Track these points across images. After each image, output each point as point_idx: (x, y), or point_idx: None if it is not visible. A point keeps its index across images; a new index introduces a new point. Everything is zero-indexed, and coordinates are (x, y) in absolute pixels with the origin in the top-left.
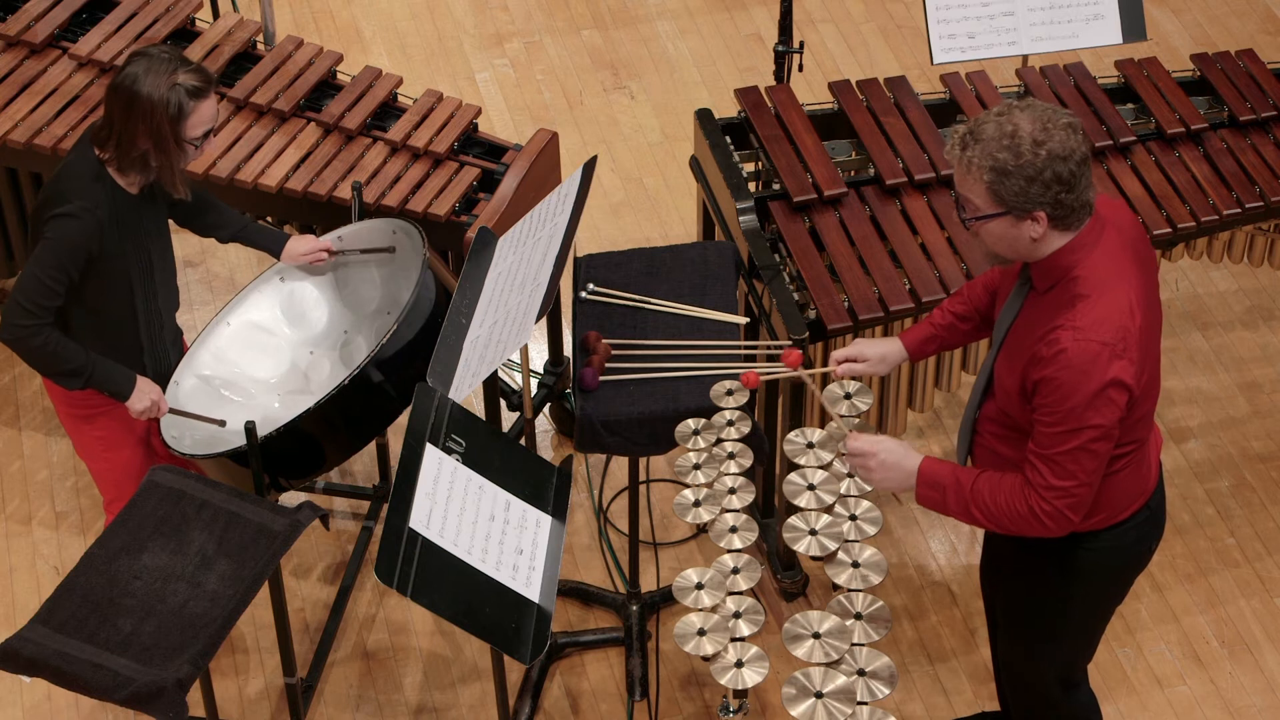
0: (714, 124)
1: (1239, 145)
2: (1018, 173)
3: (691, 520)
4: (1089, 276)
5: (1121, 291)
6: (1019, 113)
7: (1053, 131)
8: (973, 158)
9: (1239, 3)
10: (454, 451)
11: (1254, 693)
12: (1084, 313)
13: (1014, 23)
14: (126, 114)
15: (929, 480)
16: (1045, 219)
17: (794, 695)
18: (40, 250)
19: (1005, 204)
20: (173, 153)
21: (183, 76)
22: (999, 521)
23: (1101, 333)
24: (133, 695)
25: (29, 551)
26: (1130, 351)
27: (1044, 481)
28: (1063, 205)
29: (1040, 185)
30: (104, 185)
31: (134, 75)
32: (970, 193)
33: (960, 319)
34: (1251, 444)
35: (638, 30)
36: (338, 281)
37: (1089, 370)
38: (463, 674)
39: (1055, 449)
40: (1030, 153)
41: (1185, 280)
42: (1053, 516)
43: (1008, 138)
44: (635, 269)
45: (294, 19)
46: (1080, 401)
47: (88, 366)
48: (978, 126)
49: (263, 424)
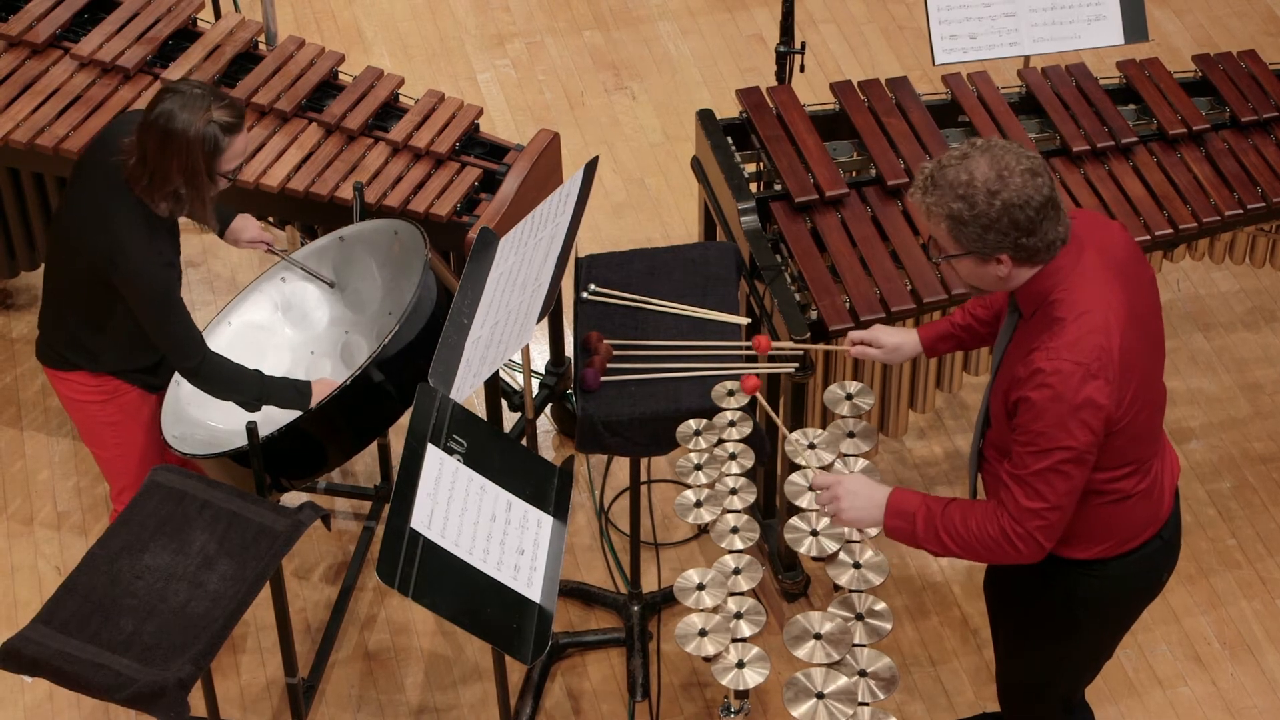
0: (715, 124)
1: (1240, 146)
2: (973, 222)
3: (693, 521)
4: (1066, 299)
5: (1099, 313)
6: (978, 156)
7: (1009, 179)
8: (931, 204)
9: (1241, 3)
10: (455, 452)
11: (1255, 694)
12: (1060, 334)
13: (1016, 23)
14: (161, 151)
15: (897, 510)
16: (1009, 260)
17: (795, 696)
18: (144, 313)
19: (966, 248)
20: (205, 187)
21: (217, 113)
22: (970, 548)
23: (1076, 353)
24: (134, 695)
25: (30, 551)
26: (1107, 371)
27: (1015, 503)
28: (1024, 248)
29: (997, 233)
30: (154, 229)
31: (169, 113)
32: (935, 234)
33: (980, 321)
34: (1253, 445)
35: (639, 31)
36: (339, 281)
37: (1062, 391)
38: (464, 674)
39: (1027, 470)
40: (985, 203)
41: (1187, 281)
42: (1024, 539)
43: (963, 185)
44: (637, 269)
45: (295, 19)
46: (1053, 422)
47: (258, 377)
48: (938, 170)
49: (264, 424)
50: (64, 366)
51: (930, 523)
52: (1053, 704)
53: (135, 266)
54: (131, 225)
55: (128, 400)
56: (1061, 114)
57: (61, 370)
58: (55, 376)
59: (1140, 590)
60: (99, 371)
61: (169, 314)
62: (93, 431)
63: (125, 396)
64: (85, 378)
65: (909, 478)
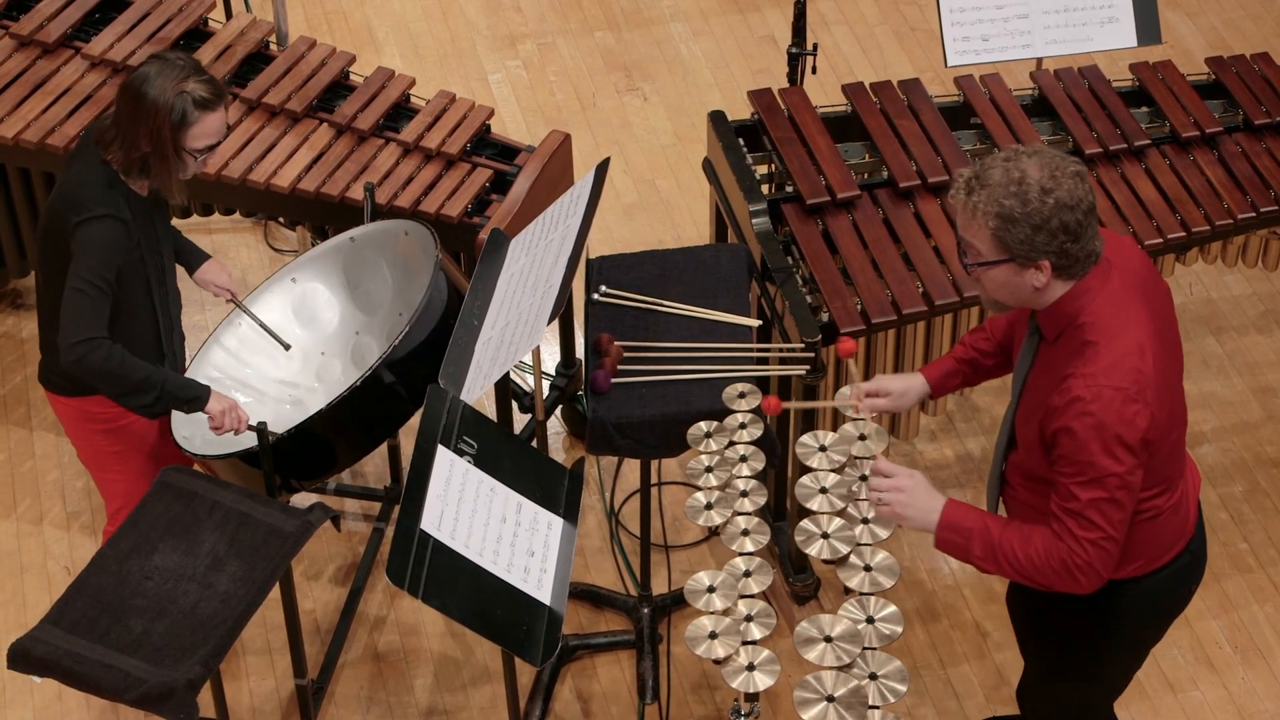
0: (727, 126)
1: (1253, 149)
2: (1024, 220)
3: (703, 523)
4: (1096, 322)
5: (1131, 334)
6: (1027, 159)
7: (1061, 179)
8: (978, 203)
9: (1254, 6)
10: (465, 453)
11: (1267, 698)
12: (1094, 359)
13: (1028, 25)
14: (132, 113)
15: (952, 524)
16: (1049, 268)
17: (806, 699)
18: (75, 264)
19: (1009, 251)
20: (171, 160)
21: (192, 85)
22: (1028, 575)
23: (1114, 378)
24: (143, 696)
25: (40, 551)
26: (1145, 394)
27: (1071, 535)
28: (1068, 255)
29: (1046, 234)
30: (119, 191)
31: (144, 75)
32: (974, 238)
33: (984, 355)
34: (1265, 449)
35: (651, 32)
36: (349, 283)
37: (1104, 418)
38: (473, 676)
39: (1078, 501)
40: (1038, 200)
41: (1199, 284)
42: (1084, 570)
43: (1015, 184)
44: (647, 271)
45: (307, 20)
46: (1098, 450)
47: (158, 377)
48: (984, 171)
49: (274, 425)
50: (64, 391)
51: (988, 546)
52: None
53: (87, 218)
54: (91, 178)
55: (130, 428)
56: (1074, 116)
57: (62, 395)
58: (56, 402)
59: (1171, 605)
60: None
61: (93, 270)
62: (93, 458)
63: (127, 424)
64: (85, 404)
65: None
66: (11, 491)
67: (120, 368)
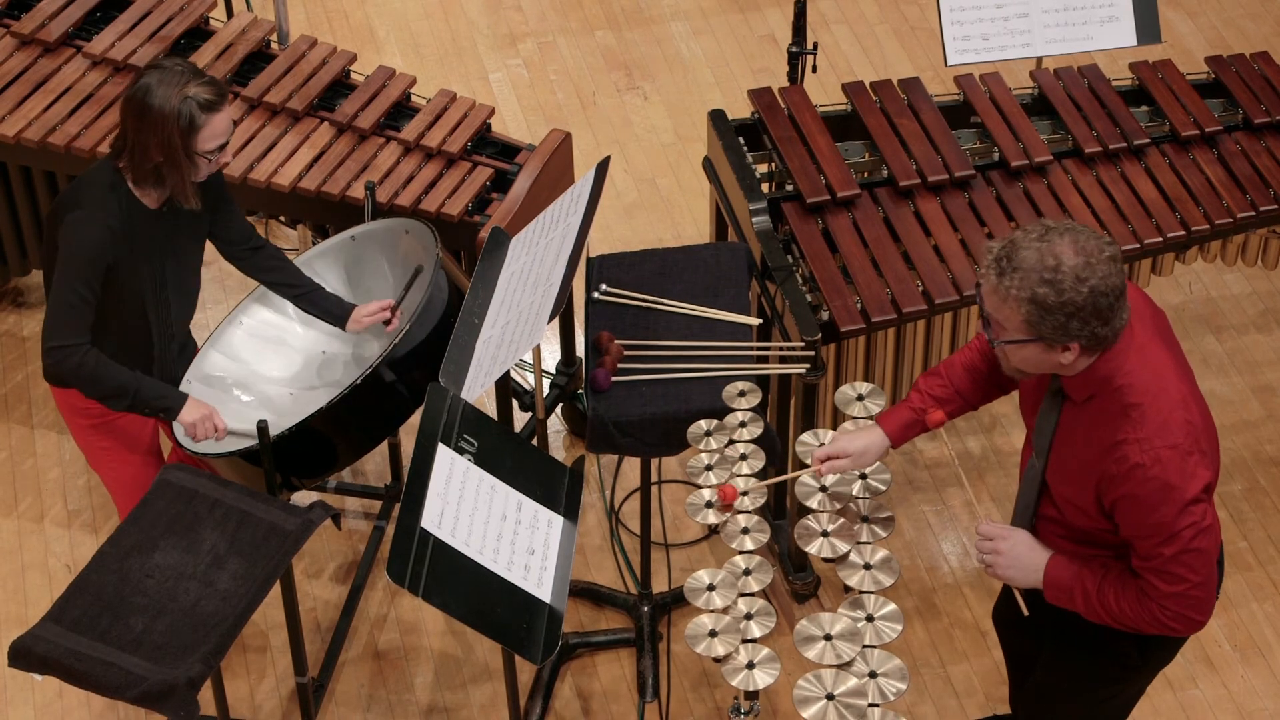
0: (727, 125)
1: (1253, 148)
2: (1059, 309)
3: (703, 521)
4: (1134, 383)
5: (1171, 388)
6: (1059, 239)
7: (1096, 266)
8: (1010, 287)
9: (1254, 5)
10: (466, 451)
11: (1266, 696)
12: (1143, 422)
13: (1028, 24)
14: (139, 126)
15: (1055, 583)
16: (1078, 348)
17: (805, 697)
18: (58, 270)
19: (1039, 334)
20: (184, 165)
21: (194, 89)
22: (1129, 625)
23: (1168, 437)
24: (144, 694)
25: (41, 549)
26: (1200, 444)
27: (1159, 592)
28: (1097, 337)
29: (1079, 321)
30: (118, 196)
31: (146, 87)
32: (1003, 319)
33: (940, 401)
34: (1265, 448)
35: (651, 31)
36: (350, 280)
37: (1168, 478)
38: (474, 674)
39: (1161, 559)
40: (1073, 290)
41: (1199, 283)
42: (1178, 620)
43: (1050, 271)
44: (648, 270)
45: (308, 19)
46: (1170, 511)
47: (132, 385)
48: (1015, 252)
49: (275, 423)
50: (61, 383)
51: (1089, 604)
52: None
53: (75, 216)
54: (96, 179)
55: (121, 427)
56: (1074, 115)
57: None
58: (54, 393)
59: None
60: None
61: (74, 275)
62: (93, 455)
63: (117, 422)
64: (71, 397)
65: (920, 478)
66: (13, 489)
67: (94, 374)
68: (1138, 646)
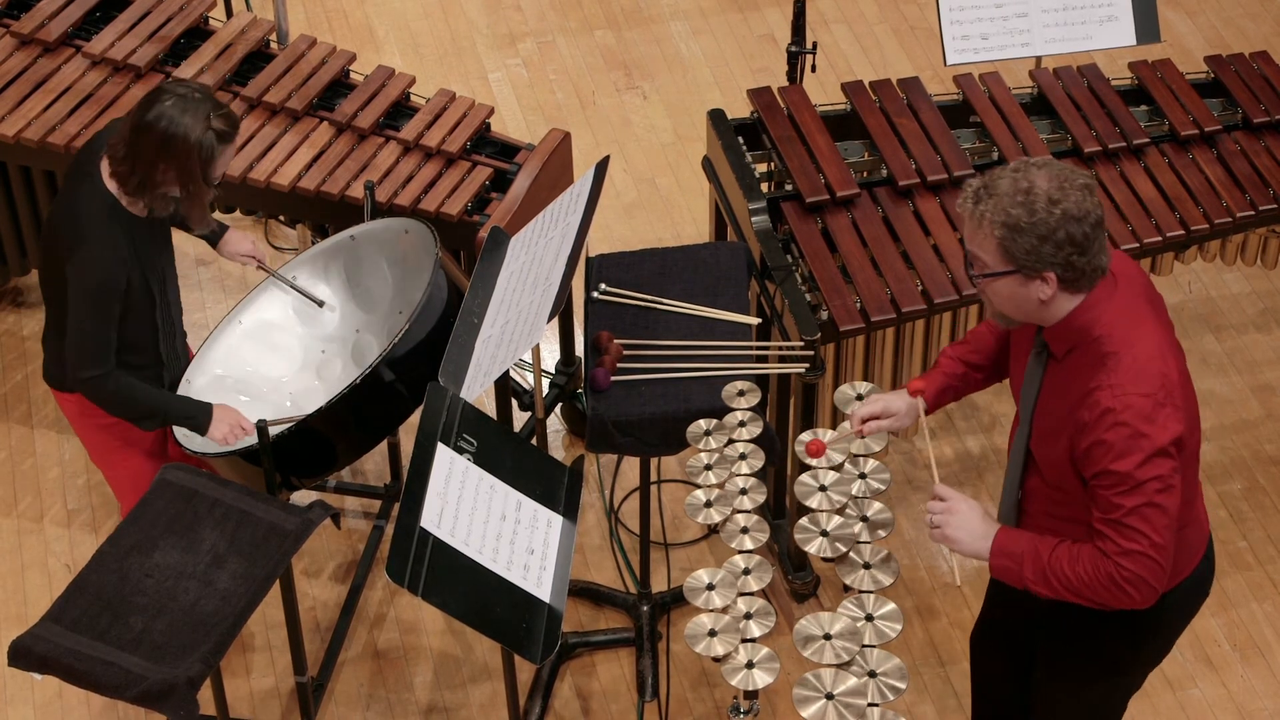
0: (727, 124)
1: (1252, 147)
2: (1030, 230)
3: (703, 521)
4: (1111, 333)
5: (1149, 339)
6: (1035, 170)
7: (1069, 191)
8: (985, 212)
9: (1253, 5)
10: (465, 451)
11: (1266, 696)
12: (1117, 369)
13: (1027, 24)
14: (158, 154)
15: (1003, 549)
16: (1055, 280)
17: (805, 696)
18: (77, 303)
19: (1015, 262)
20: (203, 192)
21: (215, 121)
22: (1080, 593)
23: (1141, 385)
24: (143, 693)
25: (41, 549)
26: (1173, 397)
27: (1116, 548)
28: (1074, 267)
29: (1053, 245)
30: (118, 220)
31: (170, 116)
32: (980, 249)
33: (973, 368)
34: (1264, 447)
35: (650, 30)
36: (350, 280)
37: (1137, 425)
38: (473, 673)
39: (1120, 511)
40: (1045, 210)
41: (1198, 282)
42: (1134, 583)
43: (1022, 194)
44: (647, 269)
45: (307, 18)
46: (1136, 459)
47: (161, 406)
48: (992, 181)
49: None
50: (63, 386)
51: (1038, 567)
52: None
53: (84, 252)
54: (92, 208)
55: (125, 427)
56: (1073, 115)
57: (62, 390)
58: (58, 397)
59: (1190, 613)
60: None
61: (93, 310)
62: (96, 452)
63: (121, 423)
64: (83, 399)
65: (920, 478)
66: (12, 489)
67: (129, 398)
68: (1128, 642)
